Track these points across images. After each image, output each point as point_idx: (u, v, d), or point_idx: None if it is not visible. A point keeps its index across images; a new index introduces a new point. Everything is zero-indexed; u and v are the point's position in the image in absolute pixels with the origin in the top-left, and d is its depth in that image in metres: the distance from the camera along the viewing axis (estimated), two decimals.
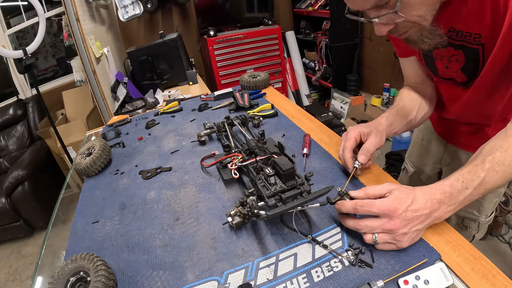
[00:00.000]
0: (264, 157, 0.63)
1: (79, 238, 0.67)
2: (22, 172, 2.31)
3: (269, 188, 0.55)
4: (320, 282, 0.47)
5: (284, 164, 0.55)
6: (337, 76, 3.24)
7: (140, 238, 0.63)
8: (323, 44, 3.21)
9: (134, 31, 3.12)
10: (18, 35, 3.00)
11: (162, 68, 2.37)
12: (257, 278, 0.50)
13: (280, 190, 0.54)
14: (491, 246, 1.76)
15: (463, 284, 0.45)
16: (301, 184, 0.55)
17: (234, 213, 0.57)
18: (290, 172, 0.55)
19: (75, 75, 2.79)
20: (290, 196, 0.53)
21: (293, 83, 3.71)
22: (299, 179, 0.56)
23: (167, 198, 0.73)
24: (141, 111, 1.79)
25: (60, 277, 0.51)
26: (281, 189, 0.54)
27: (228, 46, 3.02)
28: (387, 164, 2.34)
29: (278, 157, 0.59)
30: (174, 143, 0.98)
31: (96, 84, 1.86)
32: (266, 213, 0.50)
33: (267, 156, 0.63)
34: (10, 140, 2.84)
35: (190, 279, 0.52)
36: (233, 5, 3.17)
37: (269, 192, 0.53)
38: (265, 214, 0.50)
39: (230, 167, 0.68)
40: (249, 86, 1.25)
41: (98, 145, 0.92)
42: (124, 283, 0.54)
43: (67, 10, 1.70)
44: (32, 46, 1.71)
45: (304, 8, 3.34)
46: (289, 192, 0.54)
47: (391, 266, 0.48)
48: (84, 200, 0.80)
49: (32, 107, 2.86)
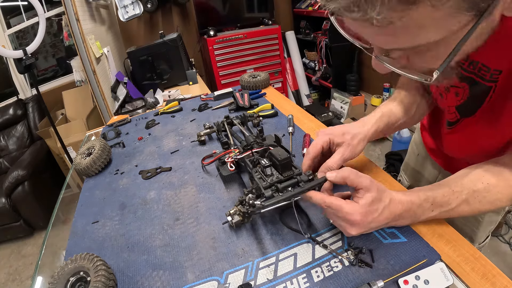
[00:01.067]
0: (260, 149, 0.62)
1: (79, 238, 0.67)
2: (22, 172, 2.31)
3: (265, 180, 0.54)
4: (320, 282, 0.47)
5: (280, 155, 0.54)
6: (337, 76, 3.24)
7: (140, 238, 0.63)
8: (323, 44, 3.20)
9: (134, 31, 3.12)
10: (18, 35, 2.99)
11: (162, 68, 2.37)
12: (257, 278, 0.50)
13: (276, 180, 0.53)
14: (491, 246, 1.75)
15: (463, 284, 0.45)
16: (298, 174, 0.54)
17: (234, 212, 0.56)
18: (286, 162, 0.54)
19: (75, 75, 2.79)
20: (286, 186, 0.52)
21: (293, 83, 3.70)
22: (296, 170, 0.55)
23: (167, 198, 0.73)
24: (141, 111, 1.80)
25: (60, 277, 0.51)
26: (277, 180, 0.53)
27: (228, 46, 3.02)
28: (387, 164, 2.34)
29: (274, 148, 0.58)
30: (174, 143, 0.98)
31: (96, 84, 1.86)
32: (261, 202, 0.49)
33: (264, 148, 0.62)
34: (10, 140, 2.84)
35: (190, 279, 0.52)
36: (233, 5, 3.17)
37: (266, 183, 0.53)
38: (260, 203, 0.49)
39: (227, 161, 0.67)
40: (249, 86, 1.25)
41: (98, 145, 0.92)
42: (124, 283, 0.54)
43: (67, 10, 1.70)
44: (32, 46, 1.71)
45: (304, 8, 3.34)
46: (286, 182, 0.53)
47: (391, 266, 0.48)
48: (84, 200, 0.80)
49: (32, 107, 2.86)
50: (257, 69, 3.16)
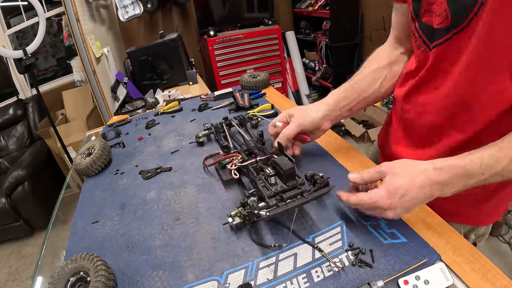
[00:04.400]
0: (264, 157, 0.63)
1: (79, 238, 0.67)
2: (22, 172, 2.31)
3: (269, 188, 0.55)
4: (320, 282, 0.47)
5: (284, 164, 0.55)
6: (337, 76, 3.23)
7: (140, 238, 0.63)
8: (323, 44, 3.20)
9: (134, 31, 3.12)
10: (18, 35, 3.00)
11: (162, 68, 2.37)
12: (257, 278, 0.50)
13: (281, 190, 0.54)
14: (491, 246, 1.76)
15: (463, 284, 0.45)
16: (301, 184, 0.55)
17: (235, 213, 0.57)
18: (291, 172, 0.55)
19: (75, 75, 2.79)
20: (291, 196, 0.53)
21: (293, 83, 3.71)
22: (300, 179, 0.56)
23: (167, 198, 0.73)
24: (141, 111, 1.79)
25: (60, 277, 0.50)
26: (281, 189, 0.54)
27: (228, 46, 3.02)
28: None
29: (278, 157, 0.59)
30: (174, 143, 0.98)
31: (96, 84, 1.86)
32: (266, 213, 0.50)
33: (267, 157, 0.63)
34: (10, 140, 2.85)
35: (190, 279, 0.52)
36: (233, 5, 3.17)
37: (270, 192, 0.53)
38: (266, 214, 0.50)
39: (229, 168, 0.68)
40: (249, 86, 1.25)
41: (98, 145, 0.92)
42: (124, 283, 0.54)
43: (67, 10, 1.70)
44: (32, 46, 1.71)
45: (304, 8, 3.34)
46: (290, 192, 0.54)
47: (391, 266, 0.48)
48: (84, 200, 0.80)
49: (32, 107, 2.86)
50: (257, 69, 3.16)
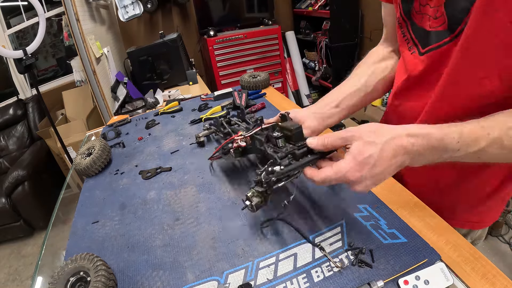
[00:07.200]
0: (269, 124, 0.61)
1: (79, 238, 0.67)
2: (22, 172, 2.31)
3: (279, 151, 0.53)
4: (320, 282, 0.47)
5: (291, 125, 0.54)
6: (337, 76, 3.23)
7: (140, 238, 0.63)
8: (323, 44, 3.20)
9: (134, 31, 3.12)
10: (18, 35, 3.00)
11: (162, 68, 2.37)
12: (257, 278, 0.50)
13: (291, 150, 0.52)
14: (491, 246, 1.76)
15: (463, 284, 0.45)
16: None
17: (251, 194, 0.54)
18: (299, 131, 0.53)
19: (75, 75, 2.79)
20: (303, 153, 0.51)
21: (293, 83, 3.71)
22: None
23: (167, 198, 0.73)
24: (141, 111, 1.79)
25: (60, 277, 0.51)
26: (292, 149, 0.52)
27: (228, 46, 3.02)
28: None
29: (283, 122, 0.58)
30: (174, 143, 0.98)
31: (96, 84, 1.86)
32: (281, 167, 0.48)
33: (272, 124, 0.61)
34: (10, 140, 2.85)
35: (190, 279, 0.52)
36: (233, 5, 3.17)
37: (281, 154, 0.52)
38: (280, 168, 0.48)
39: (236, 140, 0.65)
40: (249, 86, 1.25)
41: (98, 145, 0.92)
42: (124, 283, 0.54)
43: (67, 10, 1.70)
44: (32, 46, 1.71)
45: (304, 8, 3.34)
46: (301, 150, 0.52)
47: (391, 266, 0.48)
48: (84, 200, 0.80)
49: (32, 107, 2.86)
50: (257, 69, 3.16)
